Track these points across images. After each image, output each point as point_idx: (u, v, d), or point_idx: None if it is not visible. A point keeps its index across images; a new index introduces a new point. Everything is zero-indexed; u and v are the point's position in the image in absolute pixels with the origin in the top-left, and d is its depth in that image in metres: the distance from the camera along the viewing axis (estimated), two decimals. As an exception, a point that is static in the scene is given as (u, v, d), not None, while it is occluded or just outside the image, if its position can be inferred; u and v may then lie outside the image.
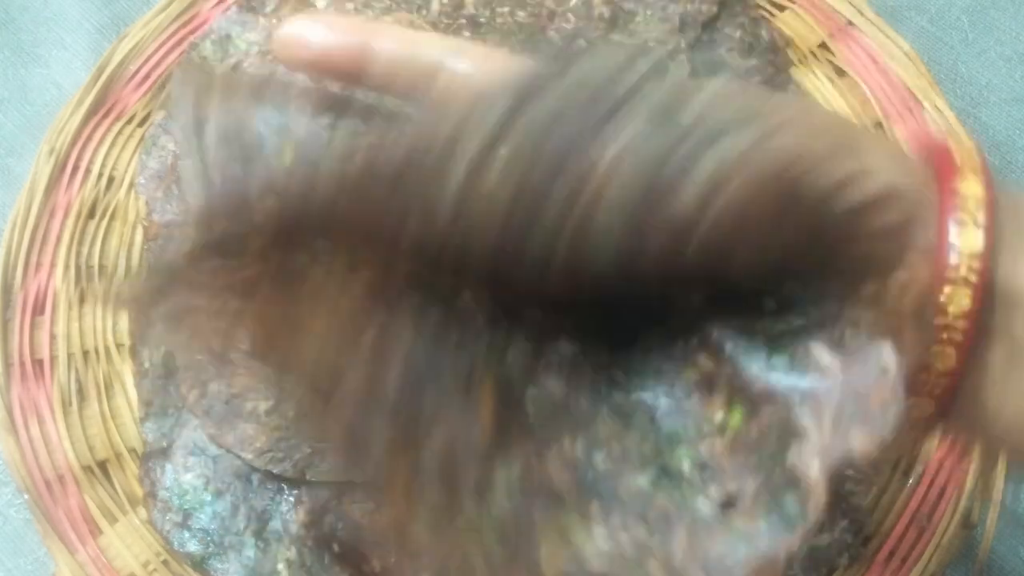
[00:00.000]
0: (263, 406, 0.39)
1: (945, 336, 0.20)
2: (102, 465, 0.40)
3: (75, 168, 0.45)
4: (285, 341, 0.19)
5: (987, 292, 0.20)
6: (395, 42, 0.22)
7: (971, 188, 0.20)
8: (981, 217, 0.20)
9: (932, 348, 0.20)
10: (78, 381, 0.42)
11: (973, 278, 0.20)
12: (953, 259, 0.20)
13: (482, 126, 0.18)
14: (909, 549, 0.39)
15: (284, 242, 0.18)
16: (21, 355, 0.41)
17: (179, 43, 0.47)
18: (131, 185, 0.45)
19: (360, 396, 0.18)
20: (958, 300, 0.20)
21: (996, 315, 0.21)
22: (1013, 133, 0.52)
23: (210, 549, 0.38)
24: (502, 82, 0.19)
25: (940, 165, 0.21)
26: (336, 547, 0.38)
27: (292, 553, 0.38)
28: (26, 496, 0.39)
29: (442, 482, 0.17)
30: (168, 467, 0.40)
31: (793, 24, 0.50)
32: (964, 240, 0.20)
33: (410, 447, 0.17)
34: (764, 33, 0.48)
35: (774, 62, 0.48)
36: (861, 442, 0.17)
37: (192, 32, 0.48)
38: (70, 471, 0.40)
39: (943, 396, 0.21)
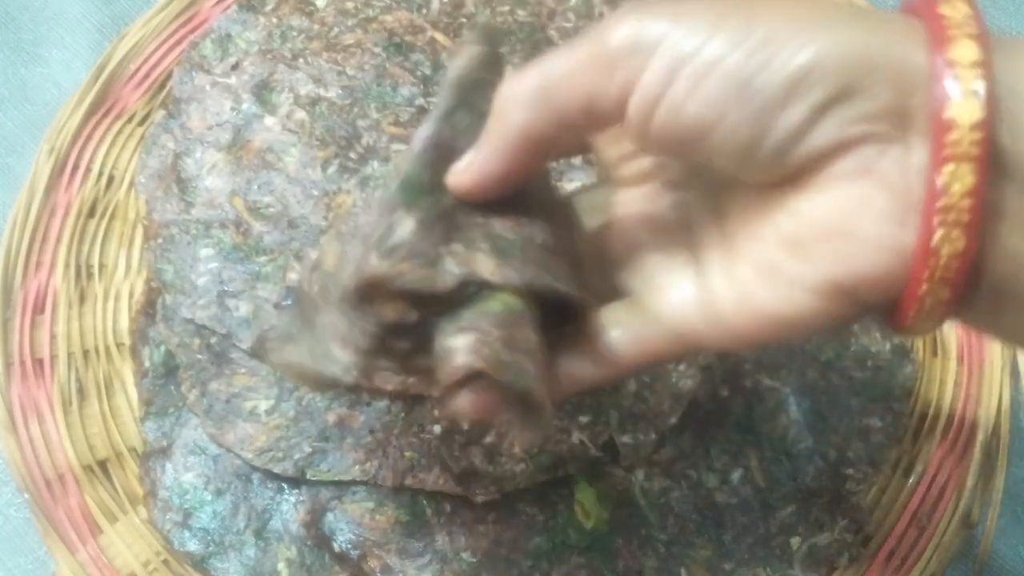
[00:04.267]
0: (263, 406, 0.39)
1: (950, 218, 0.19)
2: (102, 464, 0.40)
3: (75, 167, 0.45)
4: None
5: (991, 165, 0.19)
6: None
7: (965, 54, 0.19)
8: (979, 85, 0.18)
9: (937, 232, 0.19)
10: (78, 380, 0.42)
11: (975, 151, 0.18)
12: (952, 135, 0.19)
13: None
14: (909, 549, 0.39)
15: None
16: (21, 354, 0.41)
17: (179, 42, 0.47)
18: (131, 184, 0.45)
19: None
20: (961, 177, 0.19)
21: (1004, 189, 0.19)
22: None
23: (210, 548, 0.38)
24: None
25: (931, 32, 0.19)
26: (336, 547, 0.38)
27: (292, 553, 0.38)
28: (26, 495, 0.39)
29: None
30: (168, 466, 0.40)
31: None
32: (961, 112, 0.18)
33: None
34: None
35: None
36: None
37: (192, 31, 0.48)
38: (70, 470, 0.40)
39: (956, 280, 0.20)
